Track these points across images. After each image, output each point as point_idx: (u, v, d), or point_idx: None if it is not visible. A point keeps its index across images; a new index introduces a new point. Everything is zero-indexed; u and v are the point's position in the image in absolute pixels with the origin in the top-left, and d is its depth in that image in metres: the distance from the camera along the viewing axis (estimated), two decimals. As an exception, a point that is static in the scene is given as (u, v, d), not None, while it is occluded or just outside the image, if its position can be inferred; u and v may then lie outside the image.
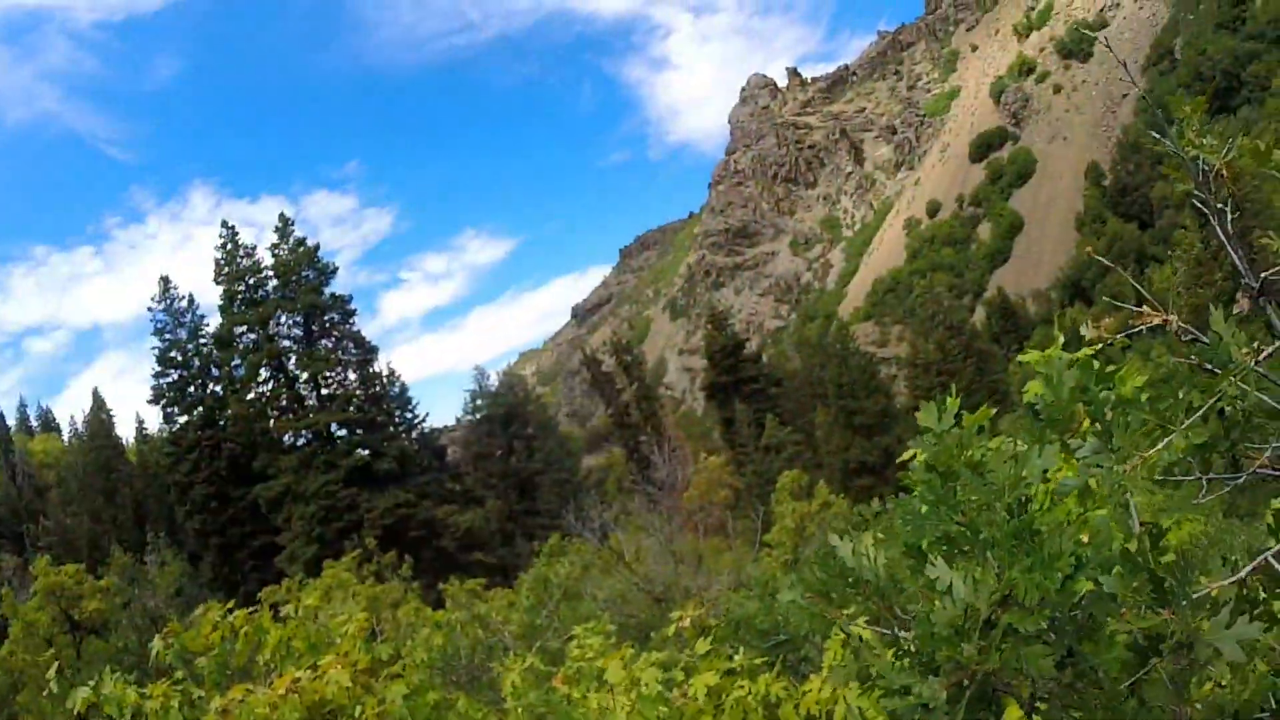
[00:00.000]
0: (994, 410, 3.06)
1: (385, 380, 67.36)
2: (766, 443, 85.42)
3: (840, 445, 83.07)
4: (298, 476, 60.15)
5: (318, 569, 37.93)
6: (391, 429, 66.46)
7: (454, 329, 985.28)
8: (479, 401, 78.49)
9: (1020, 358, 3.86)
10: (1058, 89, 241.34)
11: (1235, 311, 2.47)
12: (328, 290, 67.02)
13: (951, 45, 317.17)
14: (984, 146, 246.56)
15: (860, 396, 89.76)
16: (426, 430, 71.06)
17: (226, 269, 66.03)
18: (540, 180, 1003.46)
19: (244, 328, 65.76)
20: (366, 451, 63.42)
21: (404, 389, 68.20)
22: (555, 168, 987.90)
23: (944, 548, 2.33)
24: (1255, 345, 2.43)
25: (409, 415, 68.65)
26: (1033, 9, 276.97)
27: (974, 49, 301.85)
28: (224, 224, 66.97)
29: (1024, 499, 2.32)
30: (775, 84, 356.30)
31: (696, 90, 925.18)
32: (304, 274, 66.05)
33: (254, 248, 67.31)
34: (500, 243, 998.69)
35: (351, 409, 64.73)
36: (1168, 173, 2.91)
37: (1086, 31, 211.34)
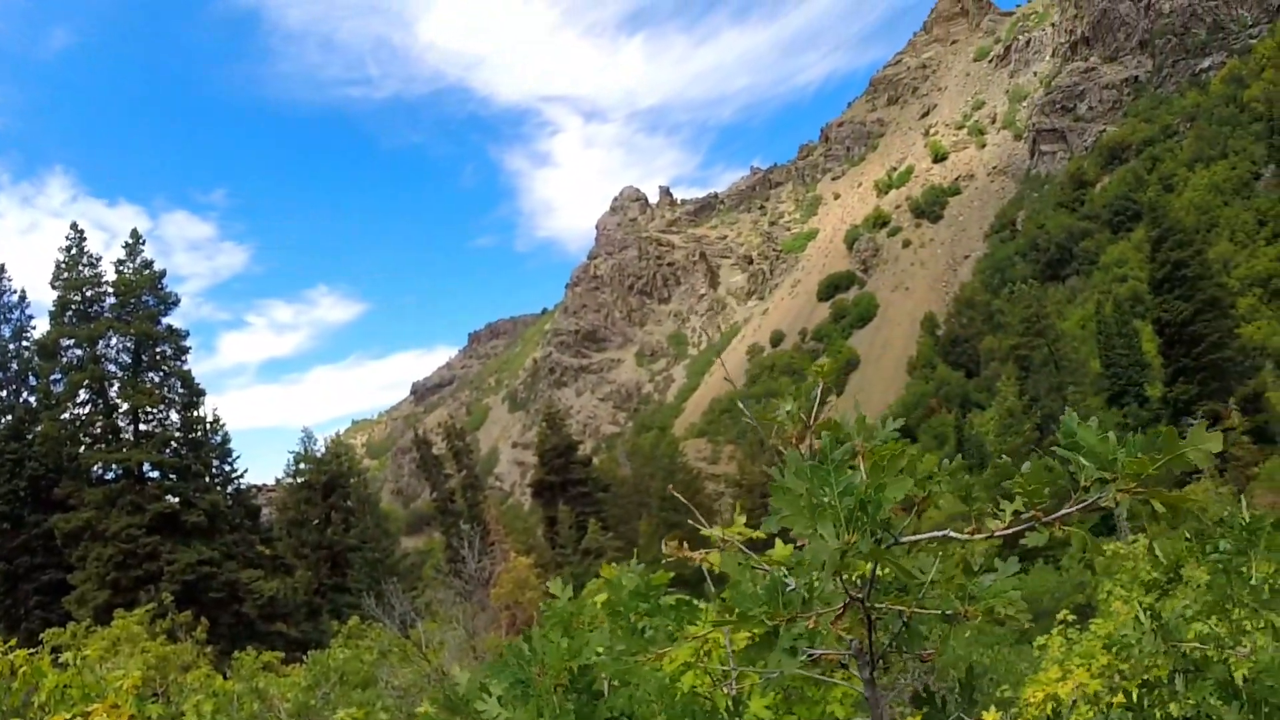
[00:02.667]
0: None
1: (208, 427, 63.84)
2: (587, 546, 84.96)
3: (659, 556, 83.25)
4: (100, 513, 56.04)
5: (108, 617, 35.34)
6: (207, 479, 62.71)
7: (290, 384, 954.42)
8: (302, 465, 75.18)
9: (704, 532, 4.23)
10: (906, 244, 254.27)
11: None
12: (166, 320, 63.50)
13: (816, 191, 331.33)
14: (832, 287, 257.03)
15: (682, 510, 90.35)
16: (243, 486, 67.26)
17: (66, 274, 61.88)
18: (404, 249, 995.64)
19: (71, 341, 61.29)
20: (176, 499, 59.46)
21: (226, 439, 64.72)
22: (421, 239, 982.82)
23: (519, 690, 3.00)
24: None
25: (227, 467, 64.89)
26: (894, 170, 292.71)
27: (836, 197, 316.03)
28: (73, 226, 63.05)
29: (584, 666, 3.03)
30: (646, 199, 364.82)
31: (571, 191, 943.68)
32: (144, 298, 62.41)
33: (99, 258, 63.01)
34: (352, 304, 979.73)
35: (168, 452, 60.98)
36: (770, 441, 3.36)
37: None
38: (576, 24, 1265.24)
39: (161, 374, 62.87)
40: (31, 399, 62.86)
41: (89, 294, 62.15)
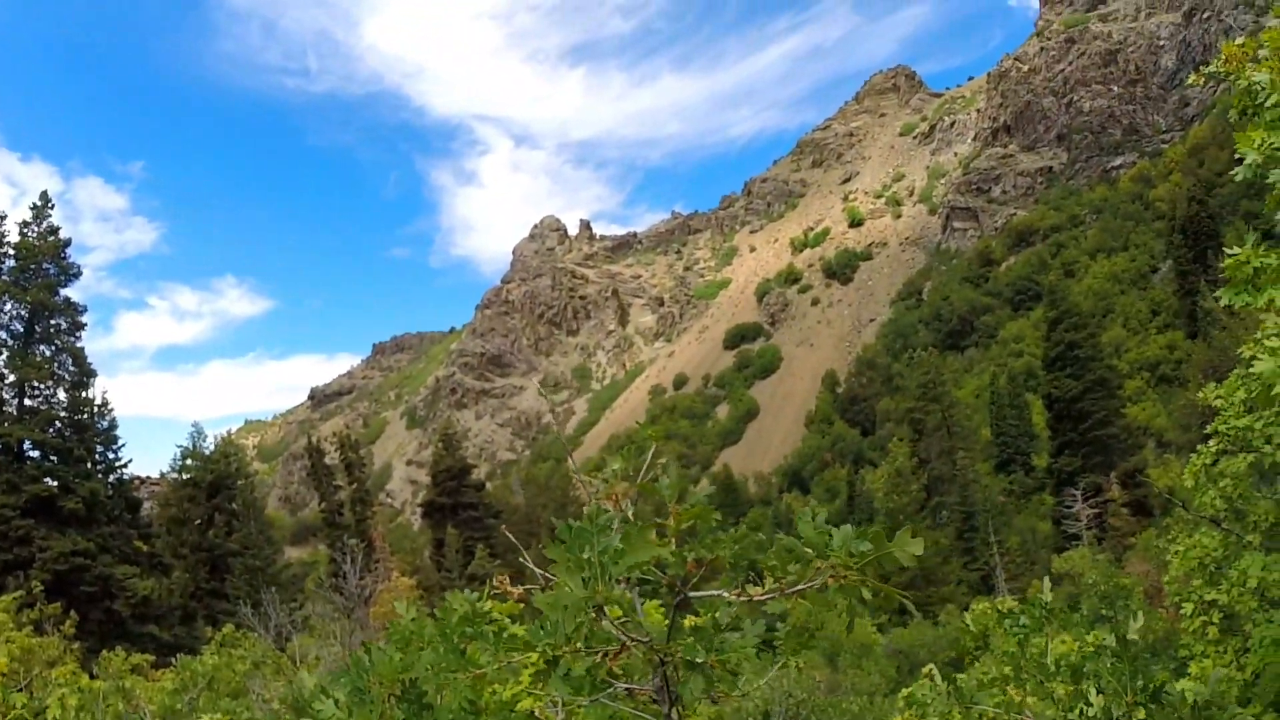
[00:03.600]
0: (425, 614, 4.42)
1: (96, 410, 61.23)
2: (473, 571, 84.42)
3: (544, 585, 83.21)
4: (-27, 489, 53.70)
5: (-26, 601, 34.29)
6: (89, 465, 59.98)
7: (185, 374, 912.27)
8: (189, 461, 72.84)
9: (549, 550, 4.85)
10: (815, 302, 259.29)
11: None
12: (64, 292, 60.37)
13: (733, 241, 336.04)
14: (739, 336, 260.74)
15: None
16: (125, 477, 64.00)
17: (-34, 230, 58.75)
18: (318, 250, 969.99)
19: (-36, 303, 57.88)
20: (55, 483, 56.77)
21: (113, 424, 61.61)
22: (337, 243, 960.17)
23: (357, 696, 3.40)
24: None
25: (111, 455, 61.71)
26: (811, 229, 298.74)
27: (752, 249, 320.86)
28: (-17, 183, 60.15)
29: (414, 679, 3.44)
30: (566, 230, 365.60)
31: (493, 212, 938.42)
32: (45, 266, 59.15)
33: (4, 217, 59.30)
34: (259, 300, 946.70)
35: (51, 431, 58.39)
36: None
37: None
38: (521, 48, 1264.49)
39: (54, 348, 59.85)
40: (-88, 358, 59.44)
41: (-12, 254, 59.26)
